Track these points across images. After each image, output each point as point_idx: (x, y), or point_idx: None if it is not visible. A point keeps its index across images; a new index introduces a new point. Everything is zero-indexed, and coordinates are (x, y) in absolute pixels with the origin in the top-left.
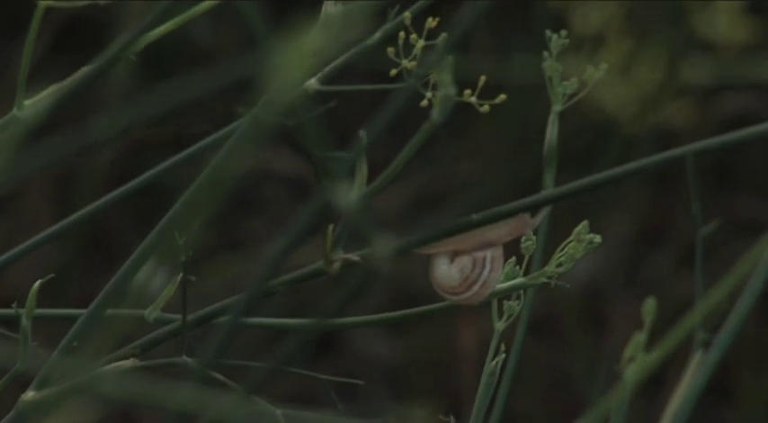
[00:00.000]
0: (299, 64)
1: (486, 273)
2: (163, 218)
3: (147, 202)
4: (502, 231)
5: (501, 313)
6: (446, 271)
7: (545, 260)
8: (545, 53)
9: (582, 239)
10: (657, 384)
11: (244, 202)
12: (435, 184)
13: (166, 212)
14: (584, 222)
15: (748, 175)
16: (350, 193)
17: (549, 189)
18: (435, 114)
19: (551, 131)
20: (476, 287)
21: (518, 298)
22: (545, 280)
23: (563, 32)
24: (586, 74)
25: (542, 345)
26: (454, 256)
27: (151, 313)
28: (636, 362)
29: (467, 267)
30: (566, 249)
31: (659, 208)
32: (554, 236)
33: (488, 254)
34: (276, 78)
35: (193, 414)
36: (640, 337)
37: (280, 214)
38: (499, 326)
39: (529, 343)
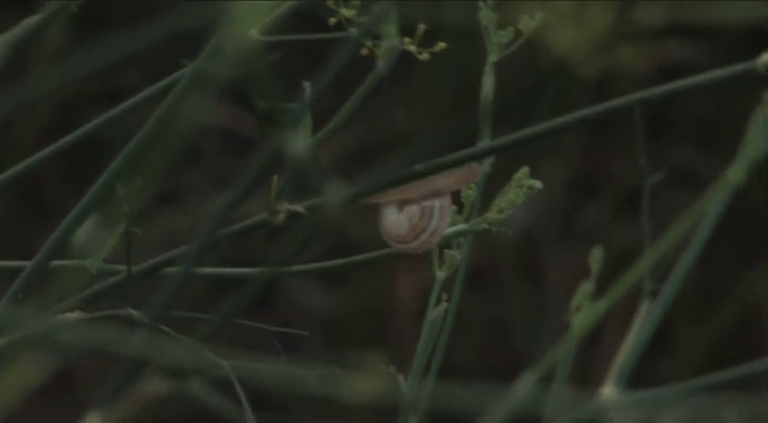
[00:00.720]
0: (250, 14)
1: (434, 221)
2: (100, 173)
3: (83, 157)
4: (450, 180)
5: (442, 262)
6: (395, 220)
7: (483, 209)
8: (480, 2)
9: (522, 185)
10: (592, 337)
11: (180, 156)
12: (373, 135)
13: (102, 167)
14: (525, 168)
15: (683, 125)
16: (297, 143)
17: (486, 140)
18: (380, 65)
19: (487, 82)
20: (424, 236)
21: (459, 247)
22: (486, 226)
23: None
24: (521, 23)
25: (479, 296)
26: (403, 205)
27: (93, 263)
28: (583, 311)
29: (415, 216)
30: (506, 195)
31: (594, 158)
32: (491, 185)
33: (437, 203)
34: (225, 28)
35: (144, 362)
36: (587, 287)
37: (217, 168)
38: (440, 275)
39: (466, 294)
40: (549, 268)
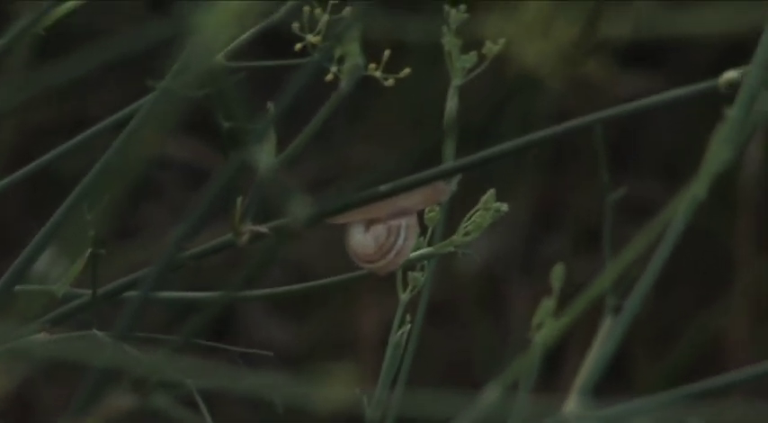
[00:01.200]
0: (213, 35)
1: (400, 241)
2: (59, 203)
3: (45, 186)
4: (416, 199)
5: (405, 285)
6: (361, 239)
7: (445, 236)
8: (443, 28)
9: (489, 207)
10: (553, 358)
11: (140, 189)
12: (332, 168)
13: (61, 198)
14: (491, 191)
15: (645, 158)
16: (262, 162)
17: (449, 161)
18: (344, 85)
19: (451, 105)
20: (390, 255)
21: (422, 269)
22: (453, 249)
23: (462, 7)
24: (485, 48)
25: (441, 328)
26: (369, 224)
27: (60, 288)
28: (545, 327)
29: (381, 235)
30: (472, 218)
31: (554, 191)
32: (452, 213)
33: (403, 222)
34: (191, 49)
35: (109, 378)
36: (549, 303)
37: (177, 201)
38: (404, 297)
39: (428, 327)
40: (510, 300)
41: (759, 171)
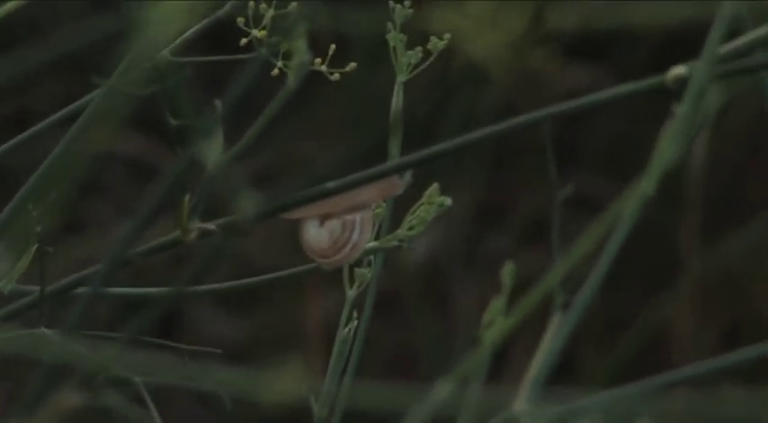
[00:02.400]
0: (159, 32)
1: (355, 235)
2: (8, 199)
3: None
4: (371, 193)
5: (352, 281)
6: (316, 234)
7: (392, 230)
8: (389, 24)
9: (432, 201)
10: (500, 356)
11: (85, 185)
12: (278, 164)
13: (11, 194)
14: (435, 185)
15: (591, 154)
16: (209, 158)
17: (394, 158)
18: (291, 81)
19: (396, 101)
20: (345, 250)
21: (368, 265)
22: (397, 243)
23: (407, 3)
24: (431, 43)
25: (385, 322)
26: (324, 219)
27: (6, 285)
28: (494, 325)
29: (336, 230)
30: (416, 213)
31: (498, 186)
32: (396, 210)
33: (358, 217)
34: (135, 46)
35: (59, 377)
36: (499, 301)
37: (122, 197)
38: (351, 293)
39: (372, 321)
40: (454, 296)
41: (705, 165)
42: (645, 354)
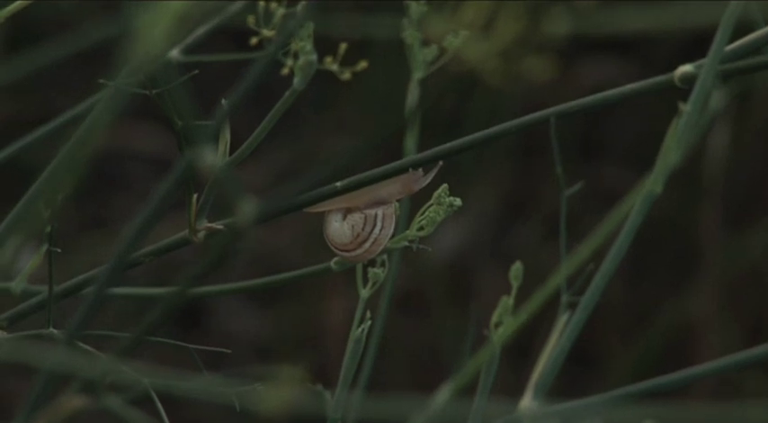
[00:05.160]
0: (161, 31)
1: (377, 230)
2: (25, 194)
3: (8, 180)
4: (393, 189)
5: (366, 281)
6: (338, 228)
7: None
8: (405, 20)
9: (442, 202)
10: (524, 354)
11: (107, 181)
12: (300, 159)
13: (27, 190)
14: (444, 185)
15: (615, 147)
16: (214, 160)
17: (411, 154)
18: (297, 81)
19: (412, 98)
20: (367, 244)
21: (383, 265)
22: (407, 243)
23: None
24: (447, 40)
25: (410, 319)
26: (347, 213)
27: (18, 285)
28: (503, 325)
29: (358, 224)
30: (426, 213)
31: (523, 180)
32: (419, 207)
33: (379, 211)
34: (138, 46)
35: (63, 379)
36: (508, 301)
37: (143, 192)
38: (364, 293)
39: (397, 318)
40: (479, 290)
41: (727, 159)
42: (670, 346)
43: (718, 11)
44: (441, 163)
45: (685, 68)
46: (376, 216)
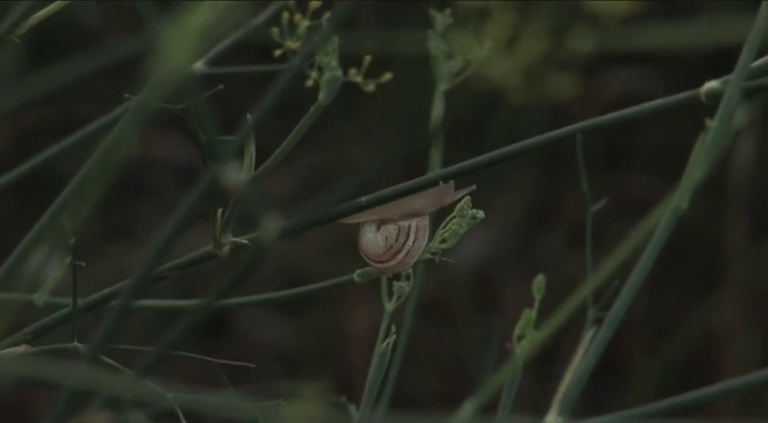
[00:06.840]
0: (185, 45)
1: (410, 242)
2: (51, 204)
3: (35, 189)
4: (426, 201)
5: (390, 294)
6: (372, 239)
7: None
8: (430, 32)
9: (465, 215)
10: (549, 365)
11: (132, 189)
12: (326, 167)
13: (54, 199)
14: (467, 197)
15: (638, 155)
16: (239, 175)
17: (435, 168)
18: (322, 97)
19: (437, 110)
20: (400, 256)
21: (407, 278)
22: (429, 256)
23: (447, 11)
24: (471, 53)
25: (435, 329)
26: (380, 224)
27: (41, 297)
28: (526, 338)
29: (392, 236)
30: (449, 225)
31: (548, 189)
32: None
33: (413, 223)
34: (162, 60)
35: (86, 394)
36: (531, 314)
37: (169, 201)
38: (389, 306)
39: (421, 327)
40: (504, 299)
41: (750, 167)
42: (694, 356)
43: (743, 27)
44: (474, 186)
45: (711, 85)
46: (409, 228)
